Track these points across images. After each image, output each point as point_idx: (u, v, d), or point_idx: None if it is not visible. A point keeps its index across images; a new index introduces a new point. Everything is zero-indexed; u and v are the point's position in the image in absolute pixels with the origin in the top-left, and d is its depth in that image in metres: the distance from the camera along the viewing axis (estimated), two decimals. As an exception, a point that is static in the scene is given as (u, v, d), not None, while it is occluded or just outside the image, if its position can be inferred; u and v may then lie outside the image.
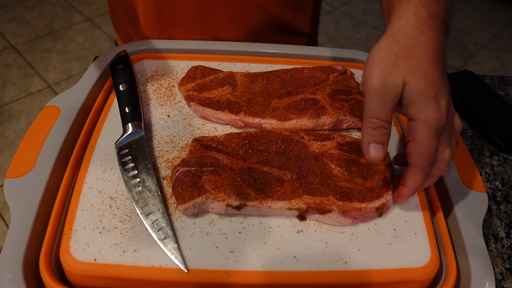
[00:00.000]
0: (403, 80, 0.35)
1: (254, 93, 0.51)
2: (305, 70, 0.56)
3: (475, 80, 0.69)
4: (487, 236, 0.48)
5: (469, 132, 0.61)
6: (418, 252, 0.38)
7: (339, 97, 0.51)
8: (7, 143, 1.56)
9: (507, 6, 2.58)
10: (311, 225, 0.40)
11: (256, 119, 0.48)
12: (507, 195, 0.53)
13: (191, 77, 0.53)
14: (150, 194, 0.40)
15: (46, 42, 2.05)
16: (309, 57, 0.63)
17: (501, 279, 0.44)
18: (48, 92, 1.78)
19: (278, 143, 0.45)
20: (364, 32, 2.31)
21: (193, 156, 0.42)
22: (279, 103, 0.50)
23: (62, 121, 0.48)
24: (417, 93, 0.35)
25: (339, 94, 0.52)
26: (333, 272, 0.36)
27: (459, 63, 2.11)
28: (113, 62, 0.53)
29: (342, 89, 0.52)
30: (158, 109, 0.51)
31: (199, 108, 0.49)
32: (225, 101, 0.50)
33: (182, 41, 0.63)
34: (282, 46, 0.63)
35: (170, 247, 0.36)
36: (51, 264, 0.37)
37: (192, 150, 0.43)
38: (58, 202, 0.41)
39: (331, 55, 0.63)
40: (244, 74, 0.54)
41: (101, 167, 0.43)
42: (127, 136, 0.45)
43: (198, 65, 0.55)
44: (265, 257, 0.37)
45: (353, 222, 0.40)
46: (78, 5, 2.32)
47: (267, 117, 0.48)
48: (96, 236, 0.37)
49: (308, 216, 0.40)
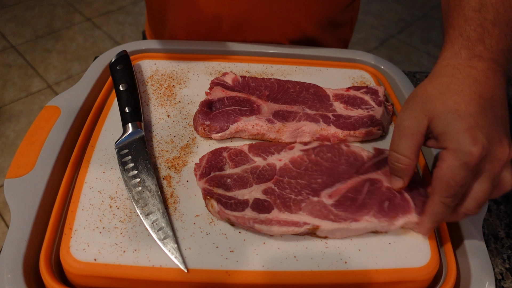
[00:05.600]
0: (428, 116, 0.35)
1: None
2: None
3: (475, 80, 0.68)
4: (487, 236, 0.48)
5: (469, 132, 0.61)
6: (418, 252, 0.38)
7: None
8: (7, 143, 1.56)
9: (507, 6, 2.57)
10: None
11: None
12: (507, 195, 0.53)
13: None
14: (150, 194, 0.40)
15: (46, 42, 2.05)
16: (309, 57, 0.63)
17: (501, 279, 0.44)
18: (48, 92, 1.78)
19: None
20: (364, 32, 2.31)
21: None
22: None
23: (62, 121, 0.48)
24: (444, 125, 0.34)
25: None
26: (333, 272, 0.36)
27: (459, 63, 2.11)
28: (113, 62, 0.53)
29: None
30: (158, 109, 0.51)
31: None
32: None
33: (182, 41, 0.63)
34: (282, 46, 0.63)
35: (170, 247, 0.36)
36: (51, 264, 0.37)
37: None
38: (58, 202, 0.41)
39: (331, 55, 0.63)
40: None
41: (101, 167, 0.43)
42: (127, 136, 0.45)
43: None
44: (265, 257, 0.37)
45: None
46: (78, 5, 2.32)
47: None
48: (96, 236, 0.37)
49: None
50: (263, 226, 0.37)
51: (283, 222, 0.38)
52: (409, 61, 2.12)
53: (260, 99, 0.51)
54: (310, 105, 0.51)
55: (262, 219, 0.38)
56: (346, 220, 0.38)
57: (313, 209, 0.39)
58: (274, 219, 0.38)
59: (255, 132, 0.48)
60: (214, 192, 0.40)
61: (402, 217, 0.39)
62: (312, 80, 0.57)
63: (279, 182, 0.41)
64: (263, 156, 0.44)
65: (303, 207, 0.39)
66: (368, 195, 0.40)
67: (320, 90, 0.53)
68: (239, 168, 0.42)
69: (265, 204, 0.39)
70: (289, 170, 0.42)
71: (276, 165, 0.43)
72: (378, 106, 0.52)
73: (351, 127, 0.49)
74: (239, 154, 0.44)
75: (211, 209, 0.39)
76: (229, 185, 0.41)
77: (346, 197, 0.40)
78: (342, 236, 0.39)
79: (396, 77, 0.60)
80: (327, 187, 0.41)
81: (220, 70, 0.58)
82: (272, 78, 0.55)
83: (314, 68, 0.60)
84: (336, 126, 0.48)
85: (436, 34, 2.32)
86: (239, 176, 0.42)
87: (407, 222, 0.39)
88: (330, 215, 0.38)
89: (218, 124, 0.47)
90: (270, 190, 0.40)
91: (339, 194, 0.40)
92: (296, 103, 0.51)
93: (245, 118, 0.48)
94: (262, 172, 0.42)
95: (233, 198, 0.39)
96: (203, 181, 0.40)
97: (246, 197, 0.40)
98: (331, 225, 0.38)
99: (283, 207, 0.39)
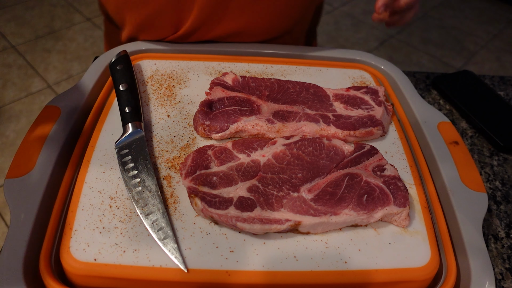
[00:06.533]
0: None
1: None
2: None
3: (475, 80, 0.69)
4: (487, 236, 0.48)
5: (469, 132, 0.62)
6: (418, 252, 0.38)
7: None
8: (7, 143, 1.56)
9: (507, 6, 2.58)
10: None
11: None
12: (507, 195, 0.53)
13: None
14: (150, 194, 0.40)
15: (46, 42, 2.05)
16: (309, 57, 0.63)
17: (501, 279, 0.44)
18: (48, 92, 1.78)
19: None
20: (364, 32, 2.31)
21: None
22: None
23: (62, 121, 0.48)
24: None
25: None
26: (333, 272, 0.36)
27: (459, 63, 2.11)
28: (113, 62, 0.53)
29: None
30: (158, 109, 0.51)
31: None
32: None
33: (182, 41, 0.63)
34: (282, 46, 0.63)
35: (170, 247, 0.36)
36: (51, 264, 0.37)
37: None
38: (58, 202, 0.41)
39: (331, 55, 0.63)
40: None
41: (101, 167, 0.43)
42: (127, 136, 0.45)
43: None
44: (265, 257, 0.37)
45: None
46: (78, 5, 2.32)
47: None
48: (96, 236, 0.37)
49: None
50: (245, 225, 0.37)
51: (265, 220, 0.38)
52: (409, 61, 2.12)
53: (260, 99, 0.51)
54: (310, 105, 0.51)
55: (244, 217, 0.38)
56: (326, 214, 0.39)
57: (294, 205, 0.40)
58: (256, 218, 0.38)
59: (255, 132, 0.48)
60: (199, 190, 0.40)
61: (381, 209, 0.40)
62: (312, 80, 0.57)
63: (263, 179, 0.42)
64: (247, 153, 0.44)
65: (284, 203, 0.40)
66: (347, 189, 0.41)
67: (320, 90, 0.53)
68: (224, 166, 0.43)
69: (248, 202, 0.39)
70: (272, 165, 0.43)
71: (260, 161, 0.43)
72: (378, 106, 0.52)
73: (351, 127, 0.49)
74: (223, 151, 0.44)
75: (195, 207, 0.39)
76: (215, 183, 0.41)
77: (325, 191, 0.41)
78: (323, 231, 0.39)
79: (396, 77, 0.60)
80: (307, 182, 0.42)
81: (220, 70, 0.58)
82: (272, 78, 0.55)
83: (314, 68, 0.60)
84: (336, 126, 0.48)
85: (436, 34, 2.32)
86: (224, 174, 0.42)
87: (386, 214, 0.40)
88: (310, 210, 0.39)
89: (218, 124, 0.47)
90: (254, 187, 0.41)
91: (318, 188, 0.41)
92: (296, 103, 0.51)
93: (245, 118, 0.48)
94: (246, 169, 0.42)
95: (218, 196, 0.40)
96: (189, 180, 0.41)
97: (231, 195, 0.40)
98: (311, 219, 0.38)
99: (265, 205, 0.39)
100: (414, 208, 0.42)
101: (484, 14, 2.51)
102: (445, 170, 0.47)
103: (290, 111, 0.50)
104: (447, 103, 0.66)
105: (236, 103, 0.50)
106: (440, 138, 0.50)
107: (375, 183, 0.41)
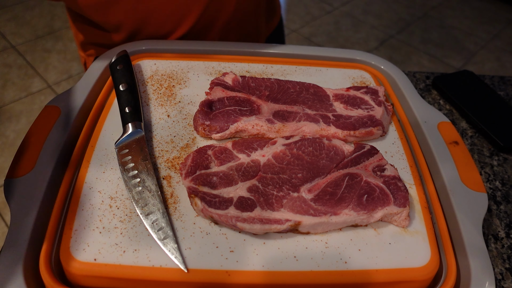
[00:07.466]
0: None
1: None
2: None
3: (475, 80, 0.69)
4: (487, 236, 0.48)
5: (469, 132, 0.62)
6: (418, 252, 0.38)
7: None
8: (7, 143, 1.56)
9: (507, 6, 2.58)
10: (311, 225, 0.40)
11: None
12: (507, 195, 0.53)
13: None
14: (150, 194, 0.40)
15: (46, 42, 2.05)
16: (309, 57, 0.63)
17: (501, 279, 0.44)
18: (48, 92, 1.78)
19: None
20: (364, 32, 2.31)
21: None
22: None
23: (62, 121, 0.48)
24: None
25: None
26: (333, 272, 0.36)
27: (459, 63, 2.11)
28: (113, 62, 0.53)
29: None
30: (158, 109, 0.51)
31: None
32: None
33: (182, 41, 0.63)
34: (282, 46, 0.63)
35: (170, 247, 0.36)
36: (51, 264, 0.37)
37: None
38: (58, 202, 0.41)
39: (331, 55, 0.63)
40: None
41: (101, 167, 0.43)
42: (127, 136, 0.45)
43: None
44: (265, 257, 0.37)
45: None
46: (78, 5, 2.31)
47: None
48: (96, 236, 0.37)
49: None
50: (245, 225, 0.37)
51: (265, 220, 0.38)
52: (409, 61, 2.12)
53: (260, 99, 0.51)
54: (310, 105, 0.51)
55: (244, 217, 0.38)
56: (326, 214, 0.39)
57: (294, 205, 0.39)
58: (256, 218, 0.38)
59: (255, 132, 0.48)
60: (199, 190, 0.40)
61: (381, 209, 0.40)
62: (312, 80, 0.57)
63: (263, 179, 0.42)
64: (247, 153, 0.44)
65: (284, 203, 0.40)
66: (347, 189, 0.41)
67: (320, 90, 0.53)
68: (224, 166, 0.43)
69: (248, 203, 0.39)
70: (272, 165, 0.43)
71: (260, 161, 0.43)
72: (378, 106, 0.52)
73: (351, 127, 0.49)
74: (223, 151, 0.44)
75: (195, 207, 0.39)
76: (215, 183, 0.41)
77: (325, 191, 0.41)
78: (323, 231, 0.39)
79: (396, 77, 0.60)
80: (307, 182, 0.42)
81: (220, 70, 0.58)
82: (272, 78, 0.55)
83: (314, 68, 0.60)
84: (336, 126, 0.48)
85: (436, 34, 2.32)
86: (224, 174, 0.42)
87: (386, 214, 0.39)
88: (310, 210, 0.39)
89: (218, 124, 0.47)
90: (254, 187, 0.41)
91: (318, 188, 0.41)
92: (296, 103, 0.51)
93: (245, 118, 0.48)
94: (246, 169, 0.42)
95: (218, 196, 0.40)
96: (189, 180, 0.41)
97: (231, 195, 0.40)
98: (311, 219, 0.38)
99: (265, 205, 0.39)
100: (414, 208, 0.42)
101: (484, 14, 2.52)
102: (445, 170, 0.47)
103: (290, 111, 0.50)
104: (447, 103, 0.66)
105: (236, 103, 0.50)
106: (440, 138, 0.50)
107: (375, 183, 0.41)
